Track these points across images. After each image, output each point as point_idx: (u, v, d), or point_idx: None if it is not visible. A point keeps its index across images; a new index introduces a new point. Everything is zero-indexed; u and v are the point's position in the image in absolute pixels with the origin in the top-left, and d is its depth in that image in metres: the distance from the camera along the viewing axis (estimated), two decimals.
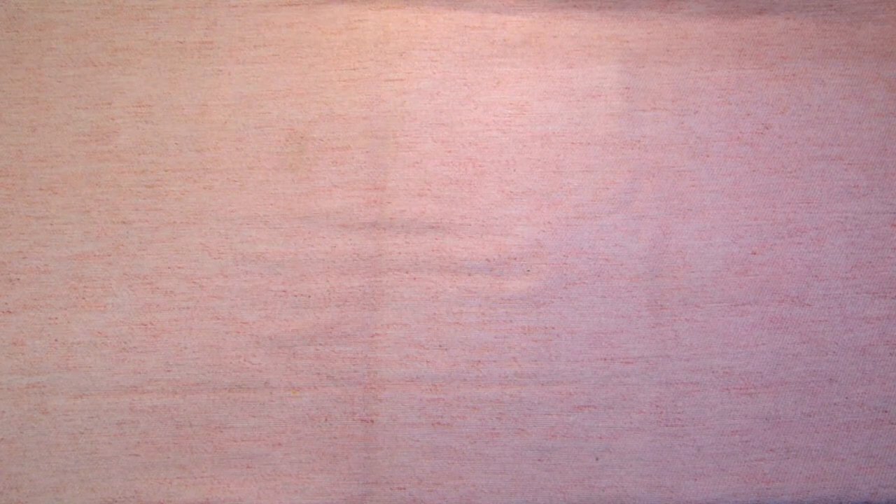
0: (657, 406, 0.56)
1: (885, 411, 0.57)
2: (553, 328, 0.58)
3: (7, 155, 0.62)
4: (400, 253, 0.60)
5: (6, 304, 0.58)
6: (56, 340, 0.57)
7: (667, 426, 0.56)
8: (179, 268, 0.59)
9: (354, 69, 0.65)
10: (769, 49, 0.66)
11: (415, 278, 0.59)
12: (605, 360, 0.57)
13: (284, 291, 0.59)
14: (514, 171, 0.62)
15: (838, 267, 0.60)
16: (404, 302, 0.59)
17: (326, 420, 0.56)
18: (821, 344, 0.58)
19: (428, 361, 0.57)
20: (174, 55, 0.65)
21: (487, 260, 0.60)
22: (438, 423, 0.56)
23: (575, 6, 0.67)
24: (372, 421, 0.56)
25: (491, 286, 0.59)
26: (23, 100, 0.63)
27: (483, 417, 0.56)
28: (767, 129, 0.64)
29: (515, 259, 0.60)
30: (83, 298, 0.58)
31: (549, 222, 0.60)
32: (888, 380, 0.58)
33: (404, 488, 0.54)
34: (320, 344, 0.58)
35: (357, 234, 0.60)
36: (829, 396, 0.57)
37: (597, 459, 0.55)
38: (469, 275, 0.59)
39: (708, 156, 0.63)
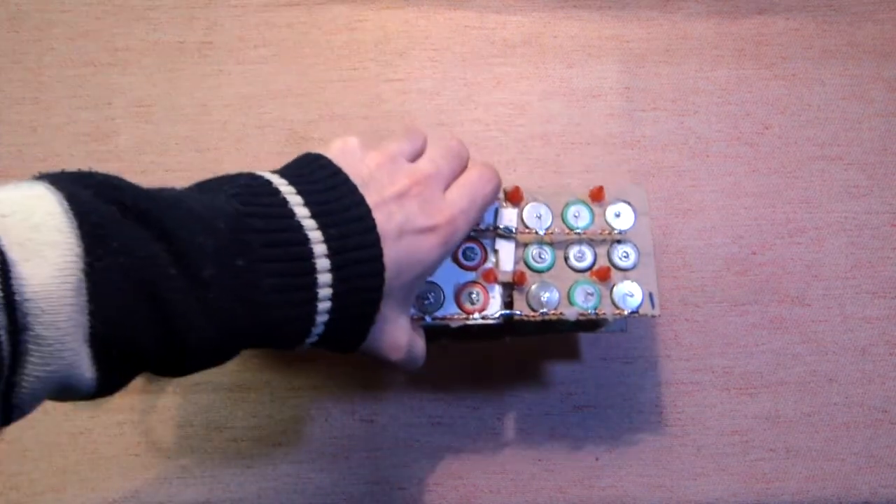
0: (657, 406, 0.56)
1: (885, 411, 0.57)
2: None
3: (7, 155, 0.62)
4: None
5: None
6: None
7: (667, 426, 0.56)
8: None
9: (354, 69, 0.65)
10: (769, 49, 0.66)
11: None
12: (604, 359, 0.57)
13: None
14: (514, 171, 0.62)
15: (838, 267, 0.60)
16: None
17: (326, 420, 0.56)
18: (821, 344, 0.58)
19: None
20: (174, 55, 0.65)
21: None
22: (438, 423, 0.56)
23: (575, 6, 0.67)
24: (372, 421, 0.56)
25: None
26: (23, 100, 0.63)
27: (483, 417, 0.56)
28: (767, 129, 0.64)
29: None
30: None
31: None
32: (888, 380, 0.58)
33: (404, 488, 0.54)
34: None
35: None
36: (829, 396, 0.57)
37: (597, 459, 0.55)
38: None
39: (708, 156, 0.63)
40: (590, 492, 0.55)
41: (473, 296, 0.45)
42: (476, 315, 0.44)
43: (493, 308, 0.44)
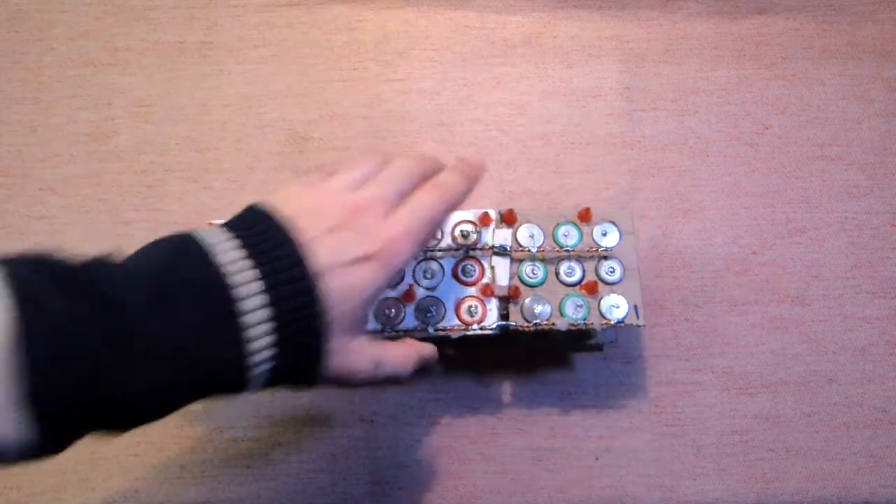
0: (657, 406, 0.56)
1: (885, 411, 0.57)
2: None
3: (7, 155, 0.62)
4: None
5: None
6: None
7: (667, 426, 0.56)
8: None
9: (354, 69, 0.65)
10: (769, 49, 0.66)
11: None
12: (605, 359, 0.57)
13: None
14: (514, 171, 0.62)
15: (838, 267, 0.60)
16: None
17: (326, 420, 0.56)
18: (821, 344, 0.58)
19: None
20: (174, 55, 0.65)
21: None
22: (438, 423, 0.56)
23: (575, 6, 0.67)
24: (372, 421, 0.56)
25: None
26: (23, 100, 0.63)
27: (483, 417, 0.56)
28: (767, 129, 0.64)
29: None
30: None
31: None
32: (888, 380, 0.58)
33: (404, 488, 0.54)
34: None
35: None
36: (829, 396, 0.57)
37: (597, 459, 0.55)
38: None
39: (708, 156, 0.63)
40: (590, 492, 0.55)
41: (472, 309, 0.49)
42: (475, 326, 0.48)
43: (491, 320, 0.49)
